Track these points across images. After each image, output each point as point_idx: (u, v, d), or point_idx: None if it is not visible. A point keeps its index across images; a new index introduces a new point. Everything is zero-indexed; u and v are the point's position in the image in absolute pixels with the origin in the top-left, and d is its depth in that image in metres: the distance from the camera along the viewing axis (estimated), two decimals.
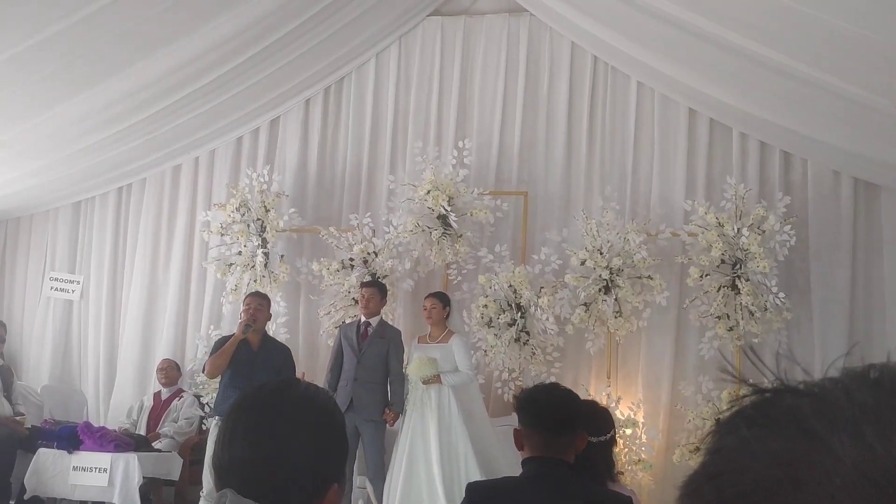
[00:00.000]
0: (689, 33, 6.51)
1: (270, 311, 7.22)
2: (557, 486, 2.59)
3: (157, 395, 8.29)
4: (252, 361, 6.62)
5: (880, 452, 0.50)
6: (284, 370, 6.74)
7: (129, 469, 7.16)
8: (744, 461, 0.53)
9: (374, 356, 7.01)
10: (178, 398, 8.15)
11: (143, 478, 7.16)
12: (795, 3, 5.36)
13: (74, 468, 7.25)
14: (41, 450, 7.38)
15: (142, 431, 7.96)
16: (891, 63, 5.57)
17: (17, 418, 7.89)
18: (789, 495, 0.51)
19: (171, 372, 8.29)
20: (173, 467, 7.57)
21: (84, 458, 7.28)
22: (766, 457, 0.53)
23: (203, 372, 7.42)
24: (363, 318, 7.19)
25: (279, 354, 6.87)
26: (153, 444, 7.73)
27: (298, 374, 6.78)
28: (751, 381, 0.59)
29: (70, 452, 7.31)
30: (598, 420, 3.38)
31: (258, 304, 6.88)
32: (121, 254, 9.31)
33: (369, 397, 6.93)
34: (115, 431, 7.67)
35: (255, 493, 1.33)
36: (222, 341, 6.88)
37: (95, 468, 7.22)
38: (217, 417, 6.65)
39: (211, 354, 6.88)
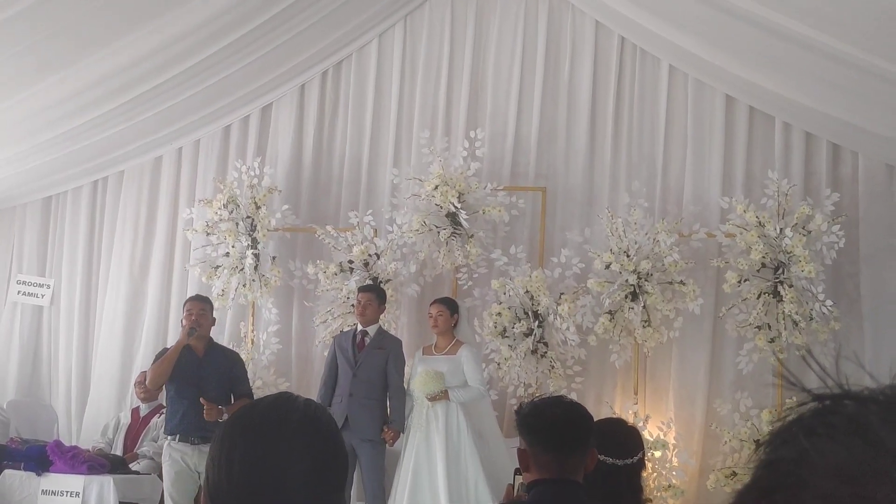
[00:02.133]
0: (727, 12, 6.49)
1: (214, 316, 7.24)
2: None
3: (135, 411, 8.29)
4: (199, 369, 6.67)
5: None
6: (235, 377, 6.79)
7: (103, 493, 7.17)
8: (803, 475, 0.52)
9: (372, 369, 7.01)
10: (158, 415, 8.13)
11: (120, 503, 7.17)
12: None
13: (43, 492, 7.27)
14: (7, 471, 7.39)
15: (118, 452, 7.96)
16: None
17: None
18: None
19: None
20: (152, 491, 7.57)
21: (54, 480, 7.29)
22: (828, 470, 0.51)
23: (145, 382, 7.49)
24: (360, 327, 7.20)
25: (226, 361, 6.90)
26: (130, 466, 7.73)
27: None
28: (809, 387, 0.57)
29: (39, 474, 7.32)
30: (625, 440, 3.36)
31: (200, 309, 6.91)
32: (95, 254, 9.31)
33: (366, 415, 6.93)
34: (89, 451, 7.67)
35: None
36: (163, 352, 6.94)
37: (66, 492, 7.23)
38: (169, 437, 6.67)
39: (153, 364, 6.93)
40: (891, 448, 0.51)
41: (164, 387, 6.86)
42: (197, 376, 6.62)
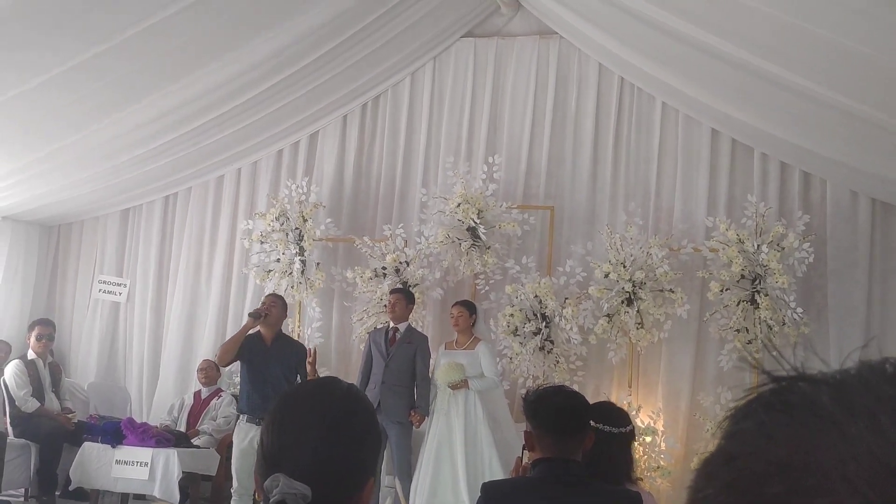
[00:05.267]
0: (712, 56, 6.47)
1: (286, 313, 7.17)
2: (570, 485, 2.56)
3: (196, 393, 8.34)
4: (265, 356, 6.59)
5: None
6: (300, 366, 6.66)
7: (169, 464, 7.20)
8: (761, 444, 0.52)
9: (402, 360, 7.01)
10: (216, 397, 8.19)
11: (183, 472, 7.19)
12: (813, 27, 5.32)
13: (117, 462, 7.30)
14: (86, 443, 7.43)
15: (182, 428, 8.00)
16: None
17: (69, 415, 7.95)
18: (805, 478, 0.49)
19: (210, 372, 8.33)
20: (211, 463, 7.61)
21: (126, 452, 7.33)
22: (783, 441, 0.51)
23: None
24: (391, 324, 7.20)
25: (291, 351, 6.80)
26: (192, 441, 7.77)
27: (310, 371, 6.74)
28: (768, 369, 0.57)
29: (113, 447, 7.36)
30: (618, 414, 3.31)
31: (272, 301, 6.87)
32: (166, 259, 9.38)
33: (396, 400, 6.93)
34: (157, 427, 7.71)
35: (303, 481, 1.34)
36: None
37: (137, 462, 7.27)
38: (242, 416, 6.61)
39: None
40: (839, 423, 0.51)
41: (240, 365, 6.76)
42: (262, 362, 6.53)
